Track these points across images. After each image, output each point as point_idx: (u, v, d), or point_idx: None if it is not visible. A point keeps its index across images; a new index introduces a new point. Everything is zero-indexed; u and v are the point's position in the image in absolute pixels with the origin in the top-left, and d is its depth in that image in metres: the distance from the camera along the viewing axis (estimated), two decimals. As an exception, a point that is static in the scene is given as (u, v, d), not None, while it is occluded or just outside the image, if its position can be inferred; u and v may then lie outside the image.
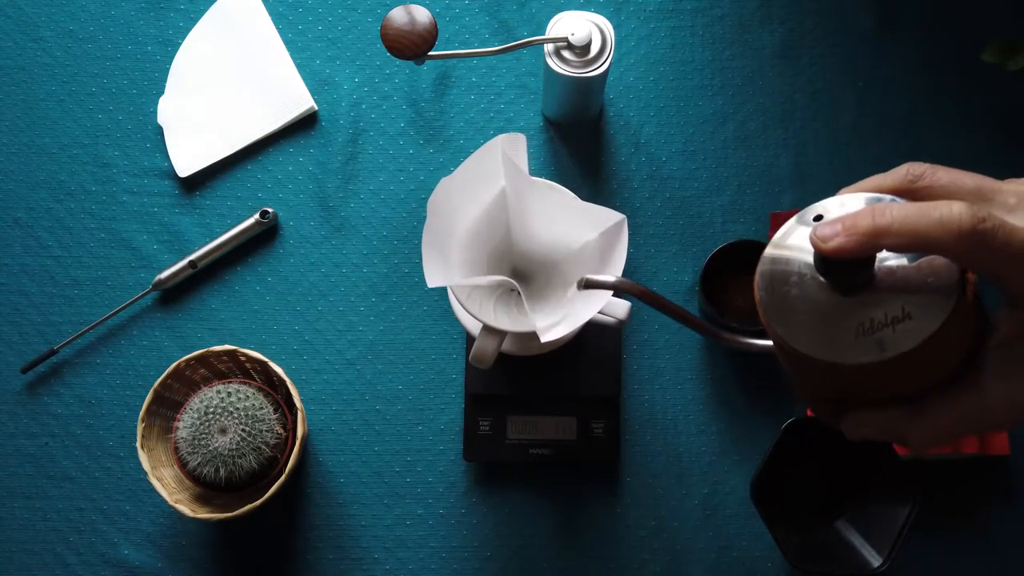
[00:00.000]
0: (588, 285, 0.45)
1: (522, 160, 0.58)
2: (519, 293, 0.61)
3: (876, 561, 0.66)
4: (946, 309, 0.34)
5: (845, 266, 0.35)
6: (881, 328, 0.34)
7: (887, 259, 0.35)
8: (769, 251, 0.38)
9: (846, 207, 0.37)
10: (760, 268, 0.38)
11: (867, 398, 0.38)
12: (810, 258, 0.36)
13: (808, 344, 0.36)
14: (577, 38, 0.68)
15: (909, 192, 0.37)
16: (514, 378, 0.73)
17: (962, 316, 0.35)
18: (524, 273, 0.65)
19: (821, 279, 0.36)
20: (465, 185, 0.58)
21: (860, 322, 0.35)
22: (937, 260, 0.35)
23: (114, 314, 0.77)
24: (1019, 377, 0.36)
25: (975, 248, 0.32)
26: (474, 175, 0.58)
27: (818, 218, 0.37)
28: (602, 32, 0.69)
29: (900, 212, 0.33)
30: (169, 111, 0.80)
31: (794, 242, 0.37)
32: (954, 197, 0.36)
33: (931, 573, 0.74)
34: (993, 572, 0.73)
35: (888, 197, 0.37)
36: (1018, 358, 0.36)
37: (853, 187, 0.38)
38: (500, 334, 0.60)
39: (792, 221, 0.38)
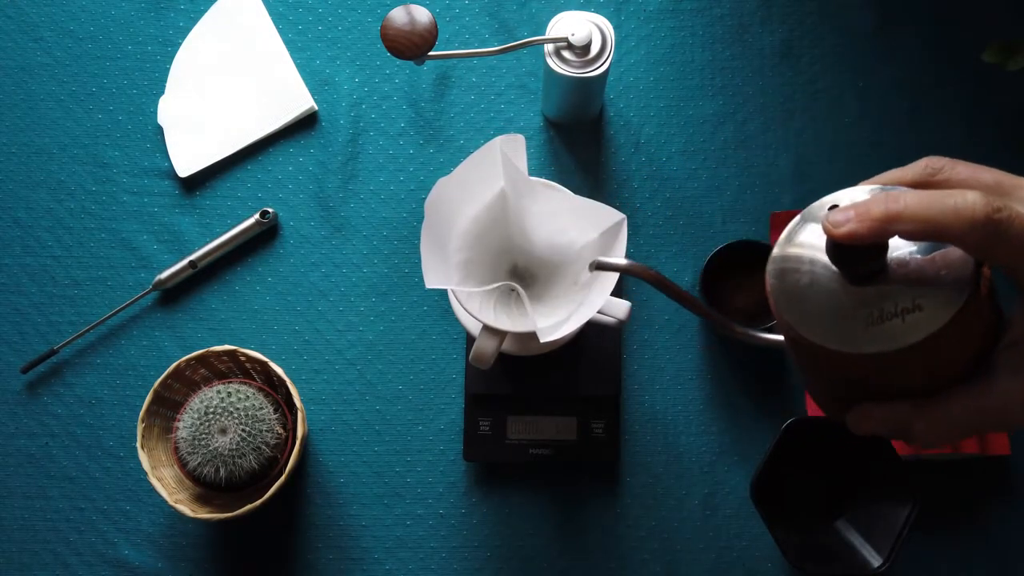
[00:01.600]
0: (600, 267, 0.44)
1: (521, 161, 0.58)
2: (519, 293, 0.61)
3: (876, 561, 0.66)
4: (958, 302, 0.33)
5: (857, 253, 0.34)
6: (891, 318, 0.34)
7: (902, 250, 0.35)
8: (778, 251, 0.38)
9: (859, 198, 0.36)
10: (770, 266, 0.38)
11: (875, 391, 0.38)
12: (821, 252, 0.36)
13: (817, 333, 0.36)
14: (577, 38, 0.68)
15: (928, 185, 0.37)
16: (514, 378, 0.73)
17: (974, 311, 0.34)
18: (525, 273, 0.65)
19: (833, 269, 0.36)
20: (463, 185, 0.58)
21: (870, 312, 0.35)
22: (952, 253, 0.34)
23: (114, 314, 0.77)
24: None
25: (988, 238, 0.32)
26: (472, 175, 0.58)
27: (833, 208, 0.37)
28: (602, 32, 0.69)
29: (914, 199, 0.33)
30: (169, 111, 0.80)
31: (804, 239, 0.37)
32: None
33: (931, 573, 0.74)
34: (993, 572, 0.73)
35: (905, 190, 0.36)
36: None
37: (871, 180, 0.38)
38: (500, 334, 0.60)
39: (797, 220, 0.38)
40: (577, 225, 0.59)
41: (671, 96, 0.81)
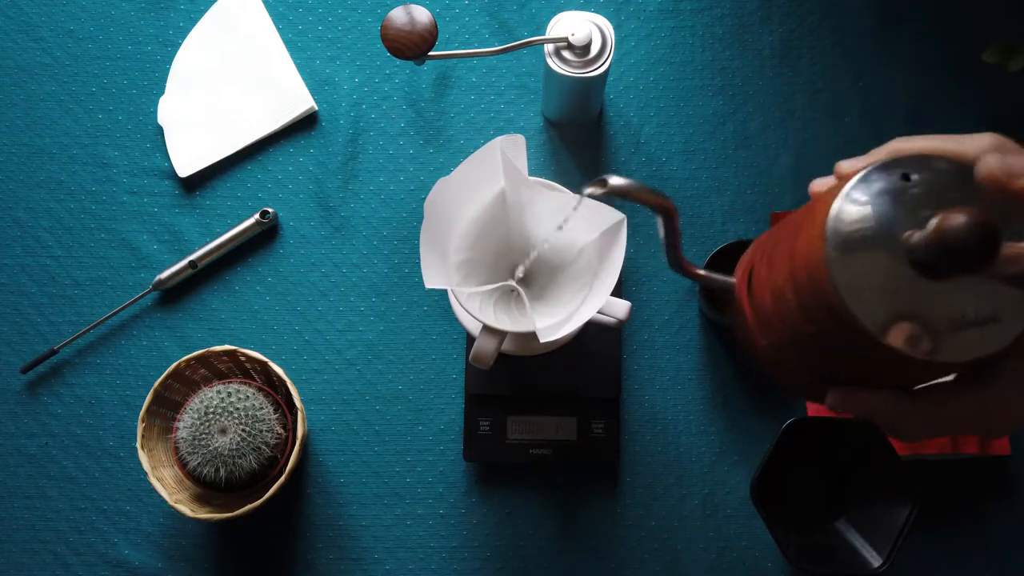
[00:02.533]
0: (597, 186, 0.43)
1: (521, 161, 0.58)
2: (519, 293, 0.61)
3: (876, 561, 0.66)
4: None
5: (990, 241, 0.30)
6: (968, 327, 0.31)
7: None
8: (849, 211, 0.33)
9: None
10: (832, 226, 0.33)
11: (870, 378, 0.35)
12: (903, 226, 0.32)
13: (876, 320, 0.31)
14: (577, 38, 0.68)
15: (1001, 188, 0.32)
16: (514, 378, 0.73)
17: None
18: (525, 273, 0.65)
19: (915, 249, 0.31)
20: (463, 186, 0.58)
21: (949, 313, 0.31)
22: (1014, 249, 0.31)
23: (114, 314, 0.77)
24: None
25: None
26: (472, 176, 0.58)
27: (905, 176, 0.32)
28: (602, 32, 0.69)
29: None
30: (169, 111, 0.80)
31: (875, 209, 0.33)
32: None
33: (931, 573, 0.74)
34: (993, 572, 0.73)
35: None
36: None
37: (923, 138, 0.34)
38: (500, 334, 0.60)
39: (866, 172, 0.33)
40: (577, 225, 0.59)
41: (671, 96, 0.81)
